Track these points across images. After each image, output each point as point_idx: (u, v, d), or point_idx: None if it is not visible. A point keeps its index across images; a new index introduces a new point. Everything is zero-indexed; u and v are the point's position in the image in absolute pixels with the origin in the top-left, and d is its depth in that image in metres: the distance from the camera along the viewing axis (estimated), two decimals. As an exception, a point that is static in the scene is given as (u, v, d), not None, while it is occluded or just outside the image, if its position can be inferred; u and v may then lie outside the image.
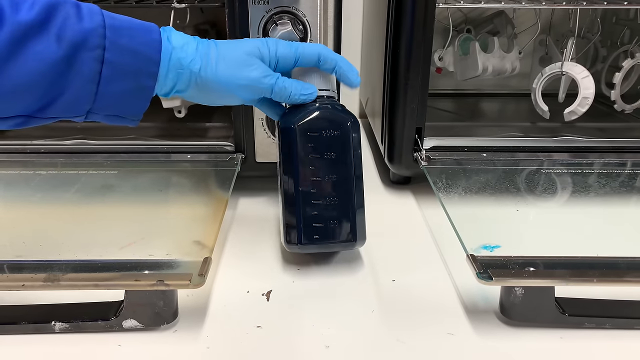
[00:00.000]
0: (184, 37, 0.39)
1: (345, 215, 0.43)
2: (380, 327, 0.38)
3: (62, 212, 0.47)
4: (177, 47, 0.37)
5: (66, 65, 0.33)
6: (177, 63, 0.37)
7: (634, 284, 0.37)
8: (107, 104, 0.36)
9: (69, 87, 0.34)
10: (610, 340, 0.37)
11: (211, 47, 0.39)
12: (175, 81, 0.38)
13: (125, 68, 0.35)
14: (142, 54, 0.35)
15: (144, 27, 0.36)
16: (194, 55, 0.38)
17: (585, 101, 0.58)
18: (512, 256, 0.38)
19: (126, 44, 0.35)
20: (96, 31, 0.34)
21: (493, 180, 0.53)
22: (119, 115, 0.37)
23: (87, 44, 0.33)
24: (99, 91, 0.35)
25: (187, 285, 0.35)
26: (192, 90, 0.39)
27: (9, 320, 0.36)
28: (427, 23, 0.52)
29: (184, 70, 0.38)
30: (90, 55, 0.33)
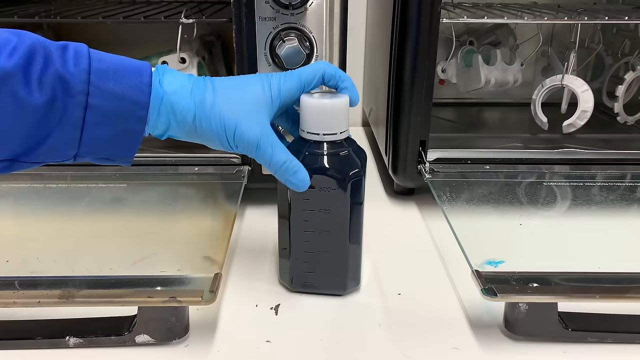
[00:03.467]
0: (177, 79, 0.36)
1: (337, 268, 0.43)
2: (386, 342, 0.39)
3: (74, 226, 0.48)
4: (170, 92, 0.36)
5: (48, 111, 0.32)
6: (169, 108, 0.36)
7: (636, 300, 0.38)
8: (94, 149, 0.35)
9: (52, 132, 0.33)
10: (613, 355, 0.38)
11: (207, 93, 0.37)
12: (167, 126, 0.36)
13: (111, 113, 0.34)
14: (129, 98, 0.34)
15: (133, 69, 0.35)
16: (187, 100, 0.36)
17: (584, 114, 0.59)
18: (516, 272, 0.39)
19: (112, 88, 0.33)
20: (80, 76, 0.33)
21: (496, 192, 0.54)
22: (108, 158, 0.36)
23: (69, 90, 0.32)
24: (83, 136, 0.34)
25: (199, 301, 0.35)
26: (187, 136, 0.38)
27: (25, 335, 0.37)
28: (431, 39, 0.53)
29: (176, 117, 0.36)
30: (73, 101, 0.33)
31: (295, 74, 0.39)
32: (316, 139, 0.40)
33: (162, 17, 0.57)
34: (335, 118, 0.40)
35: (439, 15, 0.52)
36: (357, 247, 0.43)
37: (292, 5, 0.49)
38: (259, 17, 0.50)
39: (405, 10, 0.54)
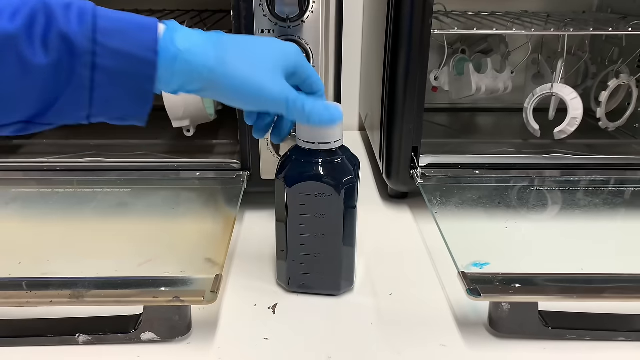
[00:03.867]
0: (191, 37, 0.35)
1: (332, 270, 0.45)
2: (378, 339, 0.41)
3: (82, 229, 0.50)
4: (184, 50, 0.34)
5: (54, 72, 0.32)
6: (184, 67, 0.34)
7: (612, 299, 0.40)
8: (107, 109, 0.34)
9: (62, 94, 0.33)
10: (590, 352, 0.40)
11: (224, 50, 0.36)
12: (182, 83, 0.35)
13: (119, 72, 0.33)
14: (136, 56, 0.33)
15: (139, 26, 0.33)
16: (203, 58, 0.35)
17: (574, 121, 0.62)
18: (500, 273, 0.41)
19: (118, 47, 0.32)
20: (84, 35, 0.32)
21: (485, 197, 0.56)
22: (121, 118, 0.35)
23: (75, 50, 0.32)
24: (93, 97, 0.33)
25: (201, 301, 0.38)
26: (201, 93, 0.37)
27: (37, 333, 0.40)
28: (422, 49, 0.55)
29: (192, 75, 0.35)
30: (79, 61, 0.32)
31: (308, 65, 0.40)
32: (312, 147, 0.43)
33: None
34: (329, 128, 0.42)
35: (430, 27, 0.54)
36: (351, 250, 0.45)
37: (290, 18, 0.51)
38: (257, 30, 0.53)
39: (398, 21, 0.56)
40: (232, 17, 0.53)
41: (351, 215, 0.44)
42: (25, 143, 0.70)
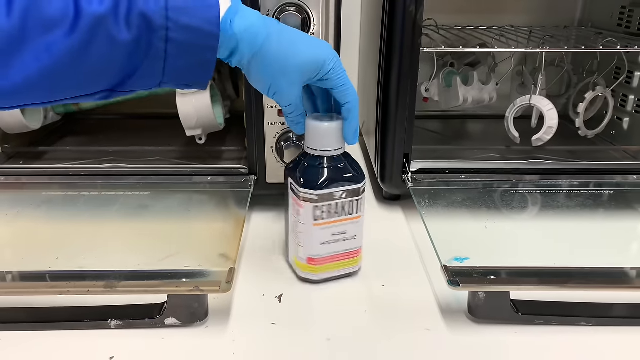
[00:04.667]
0: (249, 17, 0.41)
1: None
2: (370, 324, 0.47)
3: (108, 228, 0.56)
4: (237, 32, 0.40)
5: (136, 46, 0.37)
6: (233, 45, 0.41)
7: (574, 289, 0.46)
8: (176, 77, 0.40)
9: (141, 64, 0.38)
10: (556, 335, 0.46)
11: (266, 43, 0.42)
12: (229, 58, 0.42)
13: (187, 44, 0.38)
14: (203, 30, 0.38)
15: (205, 4, 0.39)
16: (248, 45, 0.41)
17: (550, 130, 0.68)
18: (477, 266, 0.47)
19: (187, 22, 0.38)
20: (159, 13, 0.37)
21: (469, 199, 0.62)
22: (187, 84, 0.41)
23: (152, 26, 0.37)
24: (166, 67, 0.39)
25: (217, 290, 0.44)
26: (248, 65, 0.43)
27: (75, 319, 0.46)
28: (412, 66, 0.61)
29: (236, 55, 0.42)
30: (156, 35, 0.37)
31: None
32: (315, 153, 0.49)
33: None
34: (329, 138, 0.48)
35: (419, 45, 0.60)
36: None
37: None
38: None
39: (391, 40, 0.62)
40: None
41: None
42: (48, 150, 0.76)
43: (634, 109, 0.77)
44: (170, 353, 0.44)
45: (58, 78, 0.37)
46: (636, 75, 0.76)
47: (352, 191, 0.49)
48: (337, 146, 0.49)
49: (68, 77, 0.37)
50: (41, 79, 0.36)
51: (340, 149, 0.49)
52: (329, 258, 0.51)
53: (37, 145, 0.77)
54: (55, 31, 0.35)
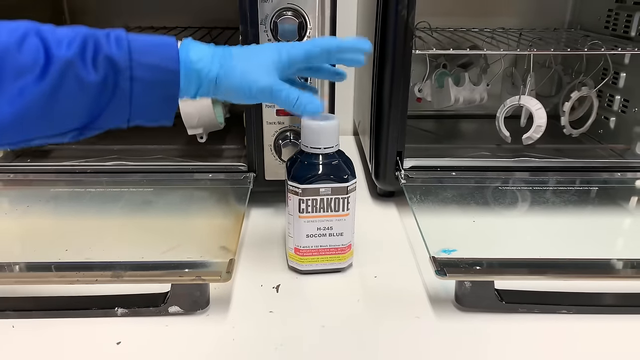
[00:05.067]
0: (201, 50, 0.44)
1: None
2: (363, 312, 0.50)
3: (115, 223, 0.59)
4: (195, 60, 0.43)
5: (103, 87, 0.39)
6: (196, 75, 0.43)
7: (554, 278, 0.49)
8: (142, 113, 0.42)
9: (108, 103, 0.40)
10: (537, 322, 0.48)
11: (227, 58, 0.44)
12: (197, 88, 0.44)
13: (151, 82, 0.41)
14: (165, 68, 0.41)
15: (163, 44, 0.42)
16: (210, 66, 0.43)
17: (539, 129, 0.70)
18: (464, 258, 0.50)
19: (149, 61, 0.40)
20: (123, 56, 0.39)
21: (459, 195, 0.65)
22: (153, 119, 0.43)
23: (117, 67, 0.39)
24: (132, 104, 0.41)
25: (218, 279, 0.46)
26: (216, 94, 0.45)
27: (84, 307, 0.48)
28: (404, 68, 0.63)
29: (202, 80, 0.43)
30: (121, 76, 0.40)
31: (303, 44, 0.47)
32: (310, 151, 0.52)
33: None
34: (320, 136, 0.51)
35: (411, 48, 0.63)
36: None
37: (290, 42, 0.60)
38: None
39: (384, 43, 0.65)
40: (240, 40, 0.61)
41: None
42: (54, 148, 0.79)
43: (620, 109, 0.80)
44: (173, 339, 0.46)
45: (30, 120, 0.38)
46: (622, 76, 0.79)
47: (338, 189, 0.52)
48: (328, 144, 0.51)
49: (40, 119, 0.39)
50: (14, 122, 0.38)
51: (331, 147, 0.52)
52: (315, 251, 0.54)
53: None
54: (27, 76, 0.37)
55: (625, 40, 0.77)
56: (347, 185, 0.52)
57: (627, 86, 0.78)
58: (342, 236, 0.54)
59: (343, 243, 0.54)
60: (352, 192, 0.53)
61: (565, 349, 0.45)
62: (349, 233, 0.55)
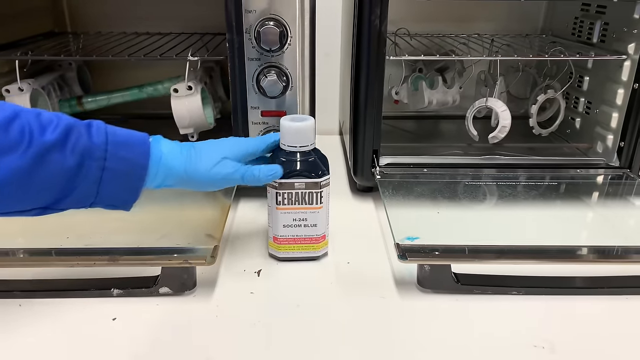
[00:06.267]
0: (170, 144, 0.51)
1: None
2: (336, 293, 0.56)
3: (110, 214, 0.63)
4: (165, 153, 0.49)
5: (77, 171, 0.43)
6: (165, 165, 0.49)
7: (505, 262, 0.55)
8: (106, 199, 0.47)
9: (78, 186, 0.44)
10: (490, 302, 0.54)
11: (192, 151, 0.51)
12: (164, 178, 0.50)
13: (120, 172, 0.46)
14: (135, 162, 0.47)
15: (139, 140, 0.47)
16: (178, 158, 0.50)
17: (503, 129, 0.76)
18: (425, 244, 0.55)
19: (123, 155, 0.45)
20: (100, 146, 0.44)
21: (428, 190, 0.70)
22: (114, 205, 0.48)
23: (93, 155, 0.44)
24: (99, 190, 0.45)
25: (203, 263, 0.52)
26: (179, 184, 0.51)
27: (83, 287, 0.54)
28: (378, 72, 0.69)
29: (170, 171, 0.50)
30: (95, 164, 0.44)
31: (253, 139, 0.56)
32: (287, 149, 0.57)
33: (174, 55, 0.74)
34: (295, 136, 0.56)
35: (384, 55, 0.68)
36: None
37: (272, 50, 0.66)
38: (247, 58, 0.67)
39: (359, 49, 0.70)
40: (227, 47, 0.67)
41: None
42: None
43: (585, 110, 0.85)
44: (163, 316, 0.52)
45: (3, 195, 0.42)
46: (585, 80, 0.84)
47: (311, 184, 0.57)
48: (304, 143, 0.57)
49: (12, 196, 0.42)
50: None
51: (306, 146, 0.57)
52: (291, 240, 0.60)
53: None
54: (9, 155, 0.41)
55: (588, 47, 0.82)
56: (320, 180, 0.57)
57: (590, 89, 0.84)
58: (315, 227, 0.59)
59: (317, 233, 0.60)
60: (326, 187, 0.58)
61: (514, 325, 0.51)
62: (323, 224, 0.60)
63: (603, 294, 0.55)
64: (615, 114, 0.76)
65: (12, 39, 0.80)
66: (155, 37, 0.92)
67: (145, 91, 0.84)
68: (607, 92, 0.78)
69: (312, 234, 0.60)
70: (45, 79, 0.82)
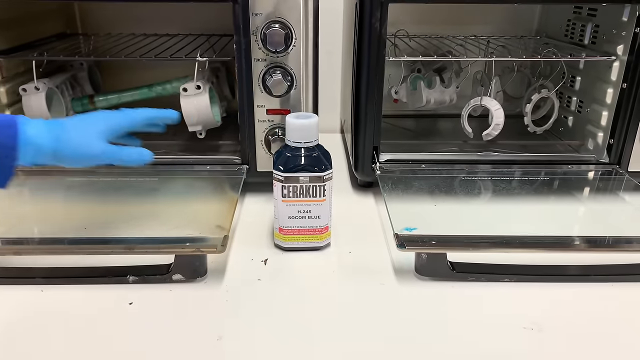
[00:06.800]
0: (37, 125, 0.52)
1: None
2: (338, 280, 0.59)
3: (125, 206, 0.68)
4: (32, 135, 0.51)
5: None
6: (32, 145, 0.51)
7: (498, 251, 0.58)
8: None
9: None
10: (484, 289, 0.57)
11: (60, 131, 0.53)
12: (33, 157, 0.51)
13: None
14: (4, 144, 0.49)
15: (6, 123, 0.50)
16: (46, 138, 0.52)
17: (497, 126, 0.79)
18: (423, 234, 0.59)
19: None
20: None
21: (425, 185, 0.74)
22: None
23: None
24: None
25: (215, 251, 0.55)
26: (51, 162, 0.53)
27: (100, 274, 0.57)
28: (378, 72, 0.72)
29: (39, 151, 0.51)
30: None
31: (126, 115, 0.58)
32: (292, 145, 0.61)
33: (184, 56, 0.77)
34: (299, 132, 0.60)
35: (384, 56, 0.72)
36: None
37: (278, 51, 0.69)
38: (254, 59, 0.70)
39: (361, 50, 0.74)
40: (234, 49, 0.70)
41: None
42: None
43: (577, 109, 0.89)
44: (176, 301, 0.55)
45: None
46: (577, 80, 0.88)
47: (315, 177, 0.61)
48: (308, 139, 0.60)
49: None
50: None
51: (310, 142, 0.60)
52: (296, 231, 0.63)
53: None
54: None
55: (580, 48, 0.86)
56: (323, 174, 0.61)
57: (582, 89, 0.87)
58: (319, 219, 0.63)
59: (320, 225, 0.63)
60: (329, 180, 0.62)
61: (505, 309, 0.54)
62: (326, 216, 0.63)
63: (590, 282, 0.58)
64: (605, 113, 0.79)
65: (27, 40, 0.84)
66: (163, 38, 0.96)
67: (154, 90, 0.88)
68: (598, 91, 0.81)
69: (315, 225, 0.63)
70: (59, 78, 0.86)
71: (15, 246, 0.57)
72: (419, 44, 0.92)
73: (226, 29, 0.98)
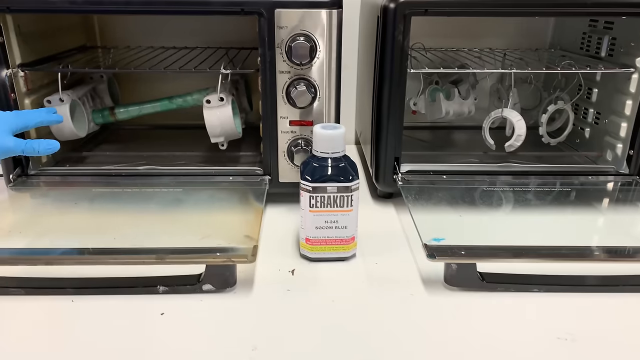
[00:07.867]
0: None
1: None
2: (366, 291, 0.59)
3: (151, 217, 0.68)
4: None
5: None
6: None
7: (527, 261, 0.58)
8: None
9: None
10: (513, 299, 0.58)
11: None
12: None
13: None
14: None
15: None
16: None
17: (519, 137, 0.80)
18: (451, 245, 0.59)
19: None
20: None
21: (448, 195, 0.74)
22: None
23: None
24: None
25: (245, 261, 0.55)
26: None
27: (131, 284, 0.57)
28: (400, 84, 0.73)
29: None
30: None
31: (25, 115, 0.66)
32: (320, 155, 0.61)
33: (207, 69, 0.78)
34: (327, 143, 0.61)
35: (406, 68, 0.73)
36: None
37: (302, 63, 0.70)
38: (278, 71, 0.71)
39: (383, 63, 0.74)
40: (259, 61, 0.71)
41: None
42: (89, 155, 0.88)
43: (594, 121, 0.89)
44: (206, 311, 0.55)
45: None
46: (594, 92, 0.89)
47: (343, 188, 0.61)
48: (335, 150, 0.61)
49: None
50: None
51: (337, 152, 0.61)
52: (322, 241, 0.63)
53: (79, 151, 0.89)
54: None
55: (596, 60, 0.87)
56: (350, 184, 0.61)
57: (599, 100, 0.88)
58: (346, 229, 0.63)
59: (347, 235, 0.64)
60: (355, 190, 0.62)
61: (536, 320, 0.54)
62: (353, 226, 0.64)
63: (616, 292, 0.59)
64: (624, 124, 0.80)
65: (50, 53, 0.84)
66: (183, 51, 0.97)
67: (175, 102, 0.88)
68: (616, 103, 0.82)
69: (342, 235, 0.63)
70: (81, 90, 0.86)
71: (46, 256, 0.57)
72: (435, 55, 0.93)
73: (243, 42, 0.99)
